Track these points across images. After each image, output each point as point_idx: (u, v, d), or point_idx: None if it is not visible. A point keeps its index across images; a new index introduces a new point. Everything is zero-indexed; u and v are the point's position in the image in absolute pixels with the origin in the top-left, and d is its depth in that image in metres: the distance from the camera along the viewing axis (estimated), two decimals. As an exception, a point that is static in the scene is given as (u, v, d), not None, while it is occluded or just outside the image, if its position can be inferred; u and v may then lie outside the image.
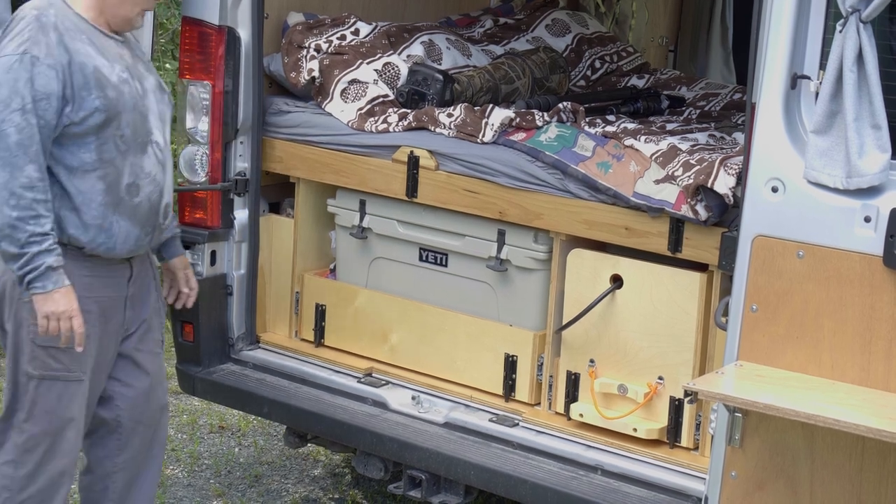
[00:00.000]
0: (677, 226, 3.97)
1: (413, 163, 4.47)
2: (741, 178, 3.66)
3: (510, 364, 4.37)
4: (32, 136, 3.68)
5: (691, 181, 3.89)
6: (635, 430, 4.09)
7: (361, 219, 4.68)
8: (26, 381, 3.89)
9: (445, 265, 4.53)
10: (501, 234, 4.36)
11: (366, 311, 4.69)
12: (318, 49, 4.83)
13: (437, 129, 4.49)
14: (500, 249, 4.38)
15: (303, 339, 4.87)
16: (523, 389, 4.38)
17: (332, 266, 4.90)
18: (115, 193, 3.85)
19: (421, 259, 4.59)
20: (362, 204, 4.67)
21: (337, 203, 4.75)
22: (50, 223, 3.71)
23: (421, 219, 4.55)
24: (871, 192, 3.32)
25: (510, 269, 4.38)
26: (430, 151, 4.46)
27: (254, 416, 5.93)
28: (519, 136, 4.36)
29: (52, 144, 3.76)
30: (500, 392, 4.41)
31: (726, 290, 3.77)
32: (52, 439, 3.93)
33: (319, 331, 4.80)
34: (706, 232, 3.91)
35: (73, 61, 3.74)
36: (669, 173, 4.00)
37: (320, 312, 4.79)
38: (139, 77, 3.94)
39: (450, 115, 4.49)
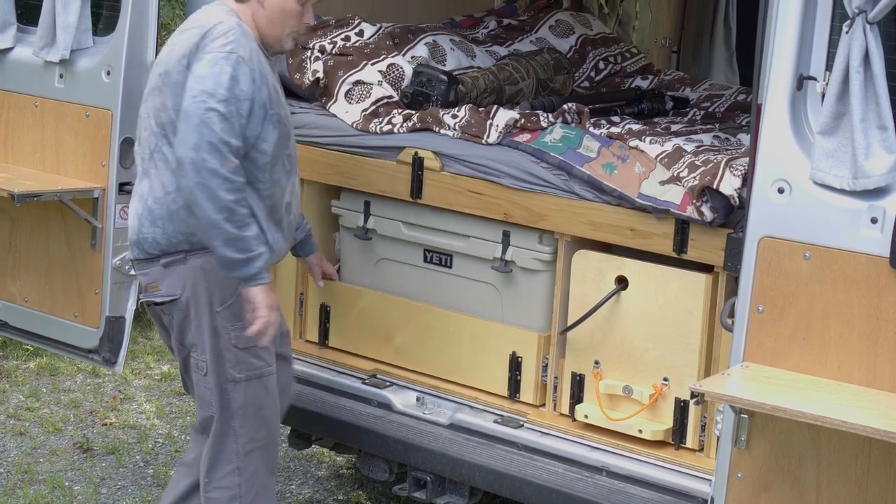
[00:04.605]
0: (682, 227, 3.97)
1: (418, 164, 4.46)
2: (746, 180, 3.66)
3: (515, 365, 4.37)
4: (233, 128, 3.77)
5: (696, 182, 3.88)
6: (640, 431, 4.09)
7: (366, 220, 4.67)
8: (233, 387, 4.00)
9: (450, 266, 4.53)
10: (506, 235, 4.36)
11: (370, 313, 4.69)
12: (322, 50, 4.83)
13: (442, 131, 4.49)
14: (504, 251, 4.37)
15: (307, 341, 4.87)
16: (528, 390, 4.37)
17: (336, 267, 4.89)
18: (278, 212, 4.01)
19: (425, 260, 4.58)
20: (367, 205, 4.67)
21: (341, 204, 4.75)
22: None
23: (425, 220, 4.55)
24: (878, 193, 3.32)
25: (515, 270, 4.37)
26: (434, 152, 4.46)
27: (257, 418, 5.93)
28: (523, 138, 4.36)
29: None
30: (505, 393, 4.40)
31: (731, 292, 3.77)
32: (266, 433, 4.08)
33: (324, 332, 4.80)
34: (711, 233, 3.91)
35: (264, 74, 3.88)
36: (675, 174, 4.00)
37: (325, 313, 4.79)
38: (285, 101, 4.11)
39: (454, 116, 4.49)
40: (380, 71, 4.78)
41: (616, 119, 4.76)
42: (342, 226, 4.78)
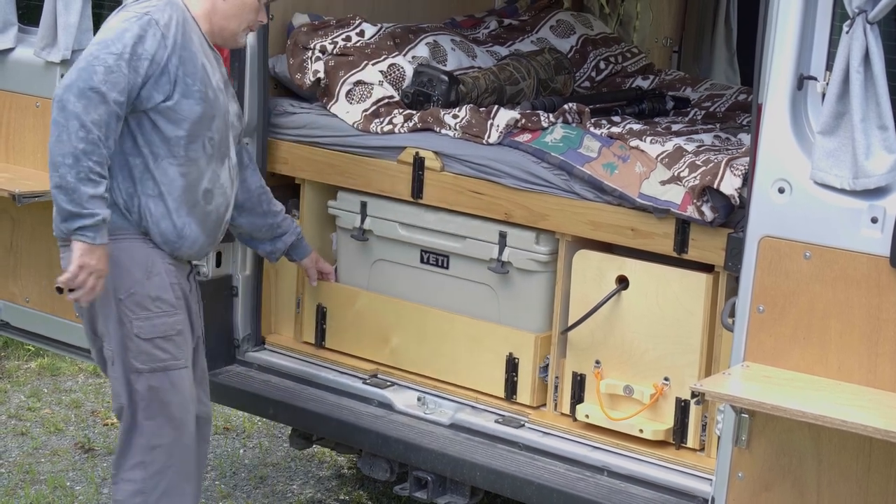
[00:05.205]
0: (683, 227, 3.97)
1: (418, 164, 4.47)
2: (747, 179, 3.66)
3: (511, 366, 4.36)
4: (117, 83, 3.71)
5: (697, 182, 3.89)
6: (641, 431, 4.09)
7: (362, 221, 4.67)
8: (136, 378, 3.92)
9: (446, 267, 4.53)
10: (503, 236, 4.36)
11: (367, 314, 4.69)
12: (323, 50, 4.83)
13: (443, 131, 4.49)
14: (501, 251, 4.37)
15: (304, 342, 4.86)
16: (525, 392, 4.37)
17: (333, 268, 4.88)
18: (193, 195, 3.91)
19: (422, 261, 4.58)
20: (363, 206, 4.66)
21: (337, 205, 4.74)
22: (106, 171, 3.72)
23: (422, 221, 4.54)
24: (878, 192, 3.32)
25: (511, 271, 4.37)
26: (435, 153, 4.46)
27: (259, 418, 5.93)
28: (524, 138, 4.36)
29: (147, 124, 3.81)
30: (502, 395, 4.40)
31: (732, 291, 3.77)
32: (174, 430, 3.97)
33: (320, 333, 4.79)
34: (712, 233, 3.91)
35: (187, 47, 3.83)
36: (675, 174, 4.00)
37: (321, 314, 4.78)
38: (228, 96, 4.05)
39: (455, 117, 4.49)
40: (381, 71, 4.78)
41: (617, 119, 4.76)
42: (339, 226, 4.78)
